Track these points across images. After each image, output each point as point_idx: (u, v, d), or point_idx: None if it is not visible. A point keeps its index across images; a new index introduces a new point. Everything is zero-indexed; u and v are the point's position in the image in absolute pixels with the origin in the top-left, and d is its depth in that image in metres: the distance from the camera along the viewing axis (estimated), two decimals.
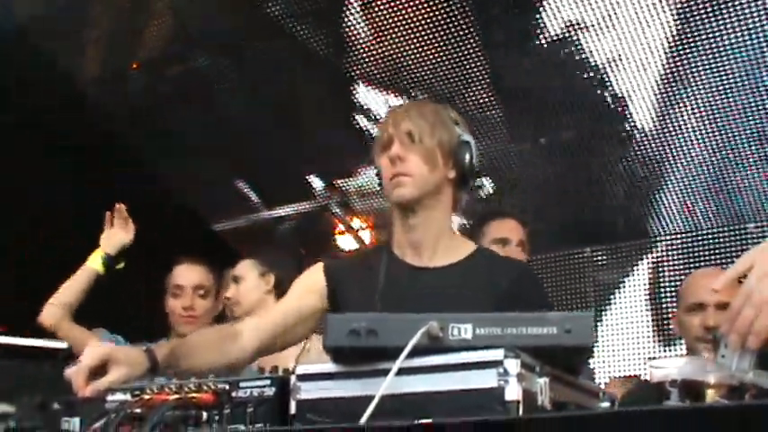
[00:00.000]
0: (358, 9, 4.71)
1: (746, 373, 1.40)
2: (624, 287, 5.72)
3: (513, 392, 1.45)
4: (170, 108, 5.47)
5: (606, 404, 1.67)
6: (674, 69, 4.68)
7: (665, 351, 5.38)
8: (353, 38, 4.84)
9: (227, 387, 1.70)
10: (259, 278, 3.55)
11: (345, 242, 5.94)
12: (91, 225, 3.58)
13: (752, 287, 1.43)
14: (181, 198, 5.85)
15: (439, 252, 2.47)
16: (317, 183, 5.85)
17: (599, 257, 5.82)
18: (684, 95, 4.81)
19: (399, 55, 4.85)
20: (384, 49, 4.85)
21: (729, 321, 1.44)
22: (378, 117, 5.08)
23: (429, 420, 1.29)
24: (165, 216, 5.24)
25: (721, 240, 5.44)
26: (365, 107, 5.20)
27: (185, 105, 5.45)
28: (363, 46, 4.87)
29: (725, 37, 4.41)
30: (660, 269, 5.65)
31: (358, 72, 5.04)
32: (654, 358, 5.04)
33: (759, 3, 4.21)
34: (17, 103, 4.90)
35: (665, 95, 4.83)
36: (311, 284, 2.53)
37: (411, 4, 4.60)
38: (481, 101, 5.02)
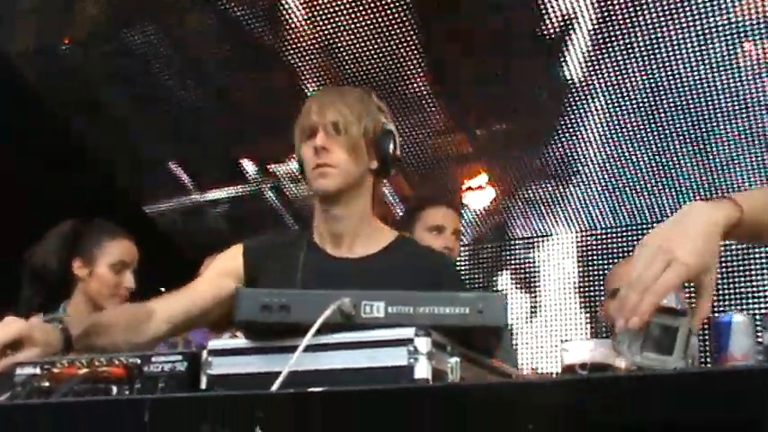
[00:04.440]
0: None
1: (635, 356, 1.44)
2: (547, 278, 5.87)
3: (422, 371, 1.46)
4: (103, 86, 5.39)
5: None
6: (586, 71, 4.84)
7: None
8: (288, 18, 4.83)
9: (139, 361, 1.69)
10: None
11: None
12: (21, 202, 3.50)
13: (638, 273, 1.46)
14: (111, 178, 5.77)
15: (358, 242, 2.48)
16: (250, 167, 5.82)
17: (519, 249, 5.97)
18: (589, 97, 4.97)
19: (334, 37, 4.85)
20: (319, 30, 4.84)
21: (618, 307, 1.47)
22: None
23: (338, 389, 1.30)
24: (95, 195, 5.15)
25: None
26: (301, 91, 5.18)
27: (118, 84, 5.37)
28: (298, 27, 4.85)
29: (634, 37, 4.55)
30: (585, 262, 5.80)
31: (294, 55, 5.03)
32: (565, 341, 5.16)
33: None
34: None
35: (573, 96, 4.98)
36: (229, 267, 2.50)
37: None
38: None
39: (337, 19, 4.74)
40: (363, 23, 4.73)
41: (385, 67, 4.96)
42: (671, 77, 4.79)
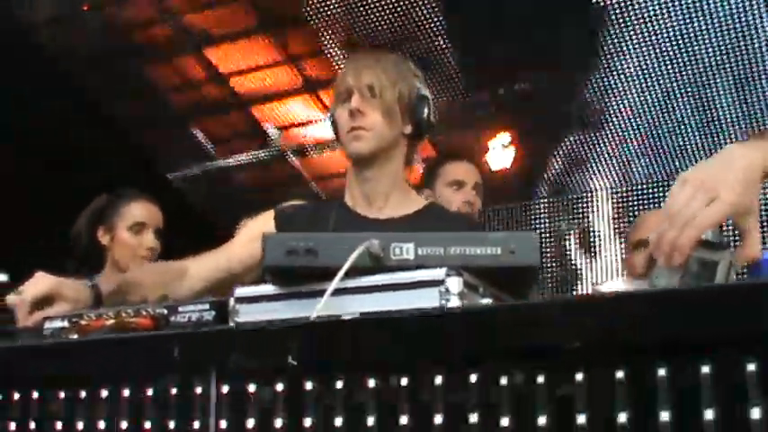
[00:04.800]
0: None
1: None
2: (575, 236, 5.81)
3: None
4: (126, 52, 5.37)
5: None
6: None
7: None
8: None
9: (166, 312, 1.66)
10: None
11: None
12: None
13: (677, 207, 1.43)
14: (138, 147, 5.75)
15: (390, 204, 2.47)
16: (272, 131, 5.79)
17: (549, 209, 5.90)
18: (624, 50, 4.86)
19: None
20: None
21: (656, 244, 1.44)
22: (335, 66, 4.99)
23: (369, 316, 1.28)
24: (118, 166, 5.15)
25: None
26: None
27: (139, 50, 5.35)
28: None
29: None
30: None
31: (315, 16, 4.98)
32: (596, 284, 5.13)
33: None
34: None
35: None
36: (260, 233, 2.49)
37: None
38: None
39: None
40: None
41: (405, 25, 4.89)
42: (708, 15, 4.67)
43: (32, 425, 1.50)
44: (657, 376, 1.09)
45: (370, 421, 1.24)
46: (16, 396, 1.52)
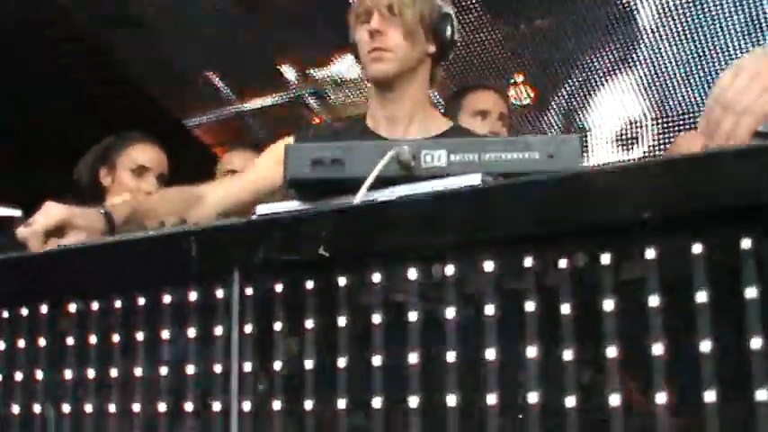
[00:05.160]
0: None
1: None
2: None
3: None
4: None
5: None
6: None
7: None
8: None
9: None
10: None
11: None
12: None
13: (733, 94, 1.30)
14: (151, 92, 5.62)
15: (413, 127, 2.36)
16: (289, 73, 5.64)
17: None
18: None
19: None
20: None
21: (710, 132, 1.31)
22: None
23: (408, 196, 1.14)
24: (133, 111, 5.04)
25: None
26: None
27: None
28: None
29: None
30: None
31: None
32: None
33: None
34: None
35: None
36: (281, 156, 2.38)
37: None
38: None
39: None
40: None
41: None
42: None
43: (41, 341, 1.38)
44: (741, 249, 0.96)
45: (412, 317, 1.11)
46: (24, 312, 1.40)
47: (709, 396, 0.95)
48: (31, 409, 1.38)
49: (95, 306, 1.34)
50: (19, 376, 1.40)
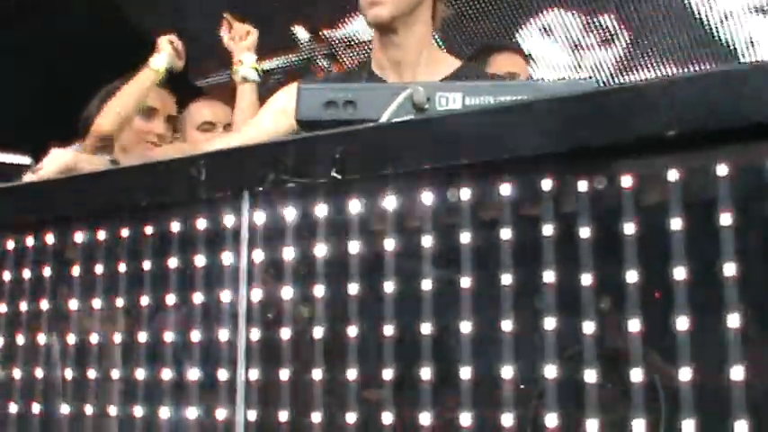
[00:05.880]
0: None
1: None
2: None
3: None
4: None
5: None
6: None
7: None
8: None
9: None
10: None
11: None
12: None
13: None
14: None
15: (421, 70, 2.26)
16: (302, 34, 5.58)
17: None
18: None
19: None
20: None
21: None
22: None
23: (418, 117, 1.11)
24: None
25: None
26: None
27: None
28: None
29: None
30: None
31: None
32: None
33: None
34: None
35: None
36: (286, 105, 2.32)
37: None
38: None
39: None
40: None
41: None
42: None
43: (47, 271, 1.36)
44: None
45: (427, 242, 1.08)
46: (30, 241, 1.38)
47: (732, 320, 0.92)
48: (35, 339, 1.36)
49: (102, 235, 1.31)
50: (24, 306, 1.37)
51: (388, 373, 1.08)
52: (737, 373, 0.91)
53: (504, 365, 1.01)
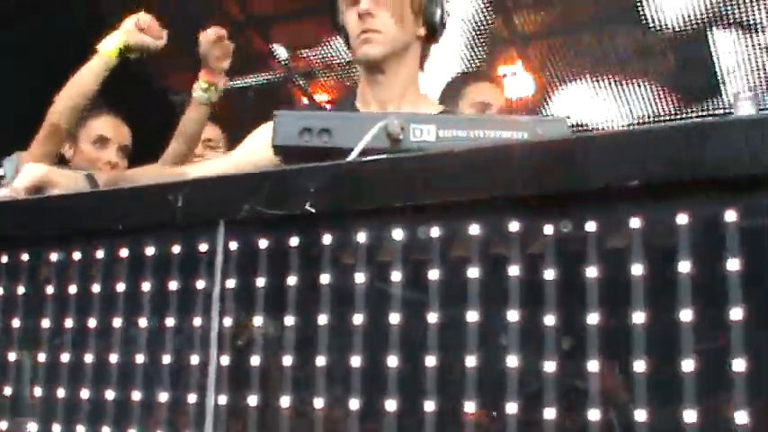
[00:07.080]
0: None
1: None
2: None
3: None
4: None
5: None
6: None
7: None
8: None
9: None
10: None
11: None
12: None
13: None
14: (137, 65, 5.58)
15: (404, 109, 2.29)
16: (281, 52, 5.61)
17: None
18: None
19: None
20: None
21: None
22: None
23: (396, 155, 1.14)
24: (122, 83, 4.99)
25: None
26: None
27: None
28: None
29: None
30: None
31: None
32: None
33: None
34: None
35: None
36: (267, 139, 2.36)
37: None
38: None
39: None
40: None
41: None
42: None
43: (20, 289, 1.37)
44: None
45: (396, 277, 1.11)
46: (4, 259, 1.39)
47: (687, 366, 0.96)
48: (6, 358, 1.37)
49: (77, 255, 1.33)
50: None
51: (354, 403, 1.11)
52: (690, 416, 0.95)
53: (467, 401, 1.04)
